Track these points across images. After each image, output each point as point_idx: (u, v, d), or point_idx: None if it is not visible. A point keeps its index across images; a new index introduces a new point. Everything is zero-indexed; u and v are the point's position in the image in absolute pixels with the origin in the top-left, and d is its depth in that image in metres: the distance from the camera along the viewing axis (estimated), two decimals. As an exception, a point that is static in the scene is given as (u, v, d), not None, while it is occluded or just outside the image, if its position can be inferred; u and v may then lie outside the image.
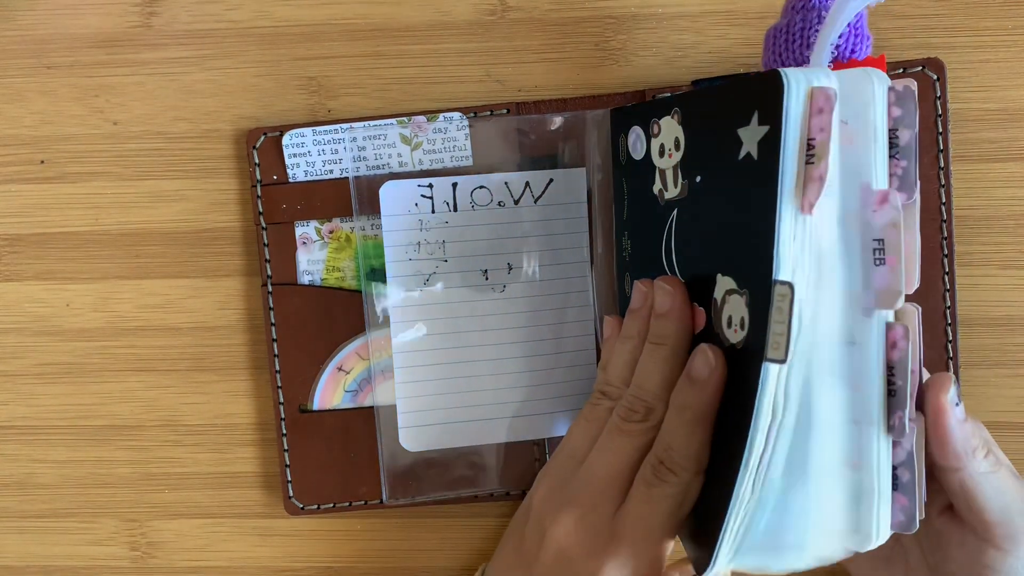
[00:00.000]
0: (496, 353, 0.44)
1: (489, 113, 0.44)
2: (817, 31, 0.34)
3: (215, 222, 0.46)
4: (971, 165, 0.42)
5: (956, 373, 0.43)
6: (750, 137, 0.31)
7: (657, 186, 0.38)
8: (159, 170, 0.46)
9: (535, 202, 0.43)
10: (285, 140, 0.44)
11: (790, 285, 0.29)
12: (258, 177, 0.44)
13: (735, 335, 0.32)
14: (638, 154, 0.39)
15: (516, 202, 0.43)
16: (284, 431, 0.45)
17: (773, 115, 0.29)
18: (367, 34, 0.45)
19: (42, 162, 0.46)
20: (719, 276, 0.33)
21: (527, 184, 0.43)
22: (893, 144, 0.31)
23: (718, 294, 0.33)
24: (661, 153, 0.37)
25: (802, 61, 0.35)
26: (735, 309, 0.32)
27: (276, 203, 0.44)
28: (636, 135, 0.39)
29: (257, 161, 0.44)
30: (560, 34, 0.44)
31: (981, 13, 0.43)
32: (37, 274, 0.47)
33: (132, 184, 0.46)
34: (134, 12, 0.45)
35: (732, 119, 0.31)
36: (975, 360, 0.44)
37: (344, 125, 0.44)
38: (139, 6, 0.45)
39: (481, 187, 0.43)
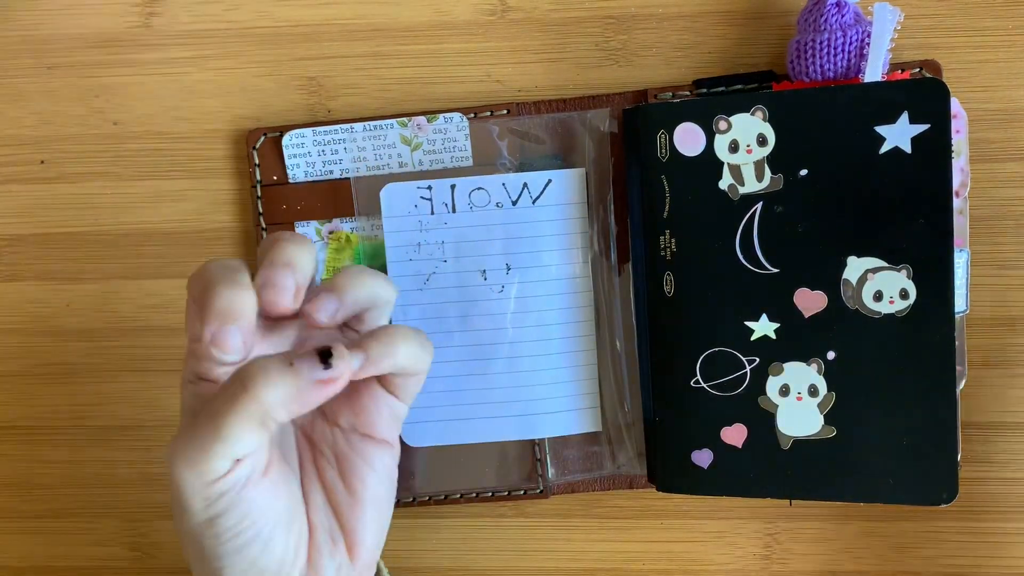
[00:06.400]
0: (496, 352, 0.44)
1: (489, 113, 0.44)
2: (850, 45, 0.40)
3: (215, 222, 0.46)
4: (971, 165, 0.42)
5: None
6: (899, 134, 0.37)
7: (726, 182, 0.39)
8: (159, 170, 0.46)
9: (533, 203, 0.43)
10: (285, 140, 0.44)
11: (967, 252, 0.40)
12: (258, 177, 0.44)
13: (890, 306, 0.38)
14: (691, 151, 0.40)
15: (514, 203, 0.43)
16: (284, 431, 0.45)
17: (936, 116, 0.37)
18: (367, 34, 0.45)
19: (42, 162, 0.46)
20: (851, 259, 0.38)
21: (525, 185, 0.43)
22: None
23: (851, 275, 0.39)
24: (734, 149, 0.39)
25: (845, 71, 0.40)
26: (887, 284, 0.38)
27: (276, 203, 0.44)
28: (688, 132, 0.40)
29: (257, 161, 0.44)
30: (560, 34, 0.44)
31: (981, 13, 0.42)
32: (37, 274, 0.47)
33: (132, 184, 0.46)
34: (134, 12, 0.45)
35: (866, 118, 0.38)
36: (976, 360, 0.44)
37: (344, 126, 0.44)
38: (139, 6, 0.45)
39: (479, 188, 0.43)
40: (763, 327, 0.40)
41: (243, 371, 0.29)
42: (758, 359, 0.40)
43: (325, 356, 0.29)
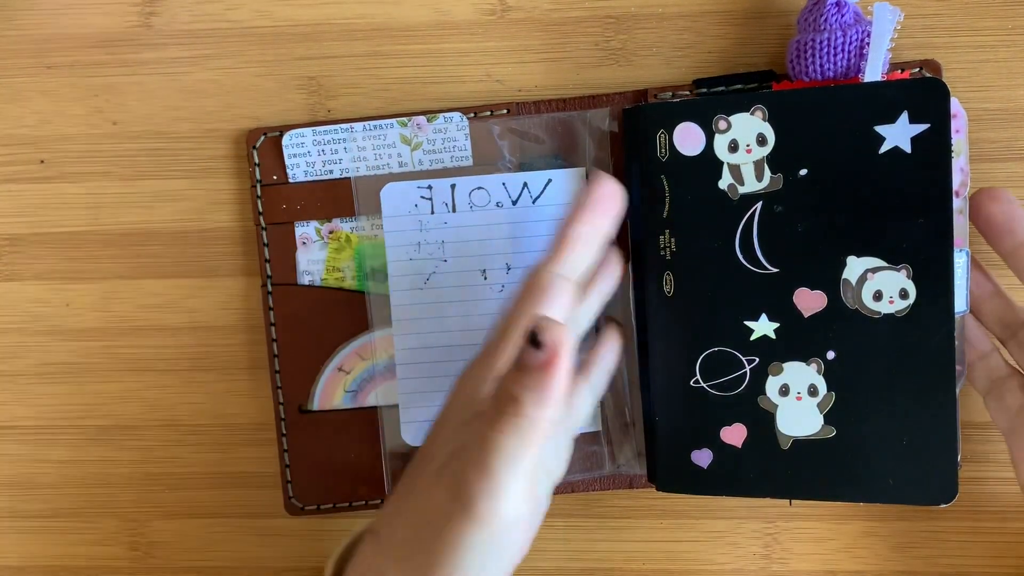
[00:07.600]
0: (496, 353, 0.44)
1: (489, 113, 0.44)
2: (850, 45, 0.40)
3: (215, 222, 0.46)
4: (972, 165, 0.42)
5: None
6: (898, 134, 0.37)
7: (726, 181, 0.39)
8: (159, 170, 0.46)
9: (533, 202, 0.43)
10: (285, 140, 0.44)
11: (967, 252, 0.39)
12: (258, 177, 0.44)
13: (890, 306, 0.38)
14: (690, 151, 0.40)
15: (514, 203, 0.43)
16: (284, 431, 0.45)
17: (936, 116, 0.37)
18: (367, 34, 0.45)
19: (42, 162, 0.46)
20: (851, 258, 0.38)
21: (525, 184, 0.43)
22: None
23: (851, 275, 0.38)
24: (734, 149, 0.39)
25: (845, 71, 0.40)
26: (887, 283, 0.38)
27: (276, 203, 0.44)
28: (688, 132, 0.40)
29: (257, 161, 0.44)
30: (560, 34, 0.44)
31: (981, 13, 0.42)
32: (37, 274, 0.47)
33: (132, 184, 0.46)
34: (134, 12, 0.46)
35: (866, 117, 0.37)
36: (975, 360, 0.44)
37: (344, 125, 0.44)
38: (139, 6, 0.45)
39: (479, 188, 0.43)
40: (763, 327, 0.40)
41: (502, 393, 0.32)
42: (758, 359, 0.40)
43: (532, 339, 0.30)
